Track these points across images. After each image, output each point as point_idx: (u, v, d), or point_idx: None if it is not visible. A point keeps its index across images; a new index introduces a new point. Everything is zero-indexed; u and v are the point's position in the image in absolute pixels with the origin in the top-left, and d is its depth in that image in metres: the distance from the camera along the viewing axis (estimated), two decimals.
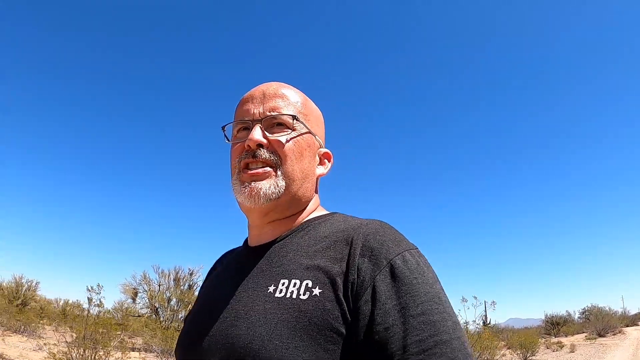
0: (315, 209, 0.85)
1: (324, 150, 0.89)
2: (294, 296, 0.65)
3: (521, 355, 14.30)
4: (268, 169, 0.77)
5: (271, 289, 0.69)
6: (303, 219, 0.82)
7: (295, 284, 0.67)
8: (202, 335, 0.73)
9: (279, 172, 0.77)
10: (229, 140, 0.84)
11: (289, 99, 0.83)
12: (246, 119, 0.81)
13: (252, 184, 0.76)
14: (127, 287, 21.13)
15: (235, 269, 0.81)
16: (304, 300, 0.64)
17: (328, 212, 0.86)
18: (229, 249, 0.99)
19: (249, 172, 0.77)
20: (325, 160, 0.89)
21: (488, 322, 18.35)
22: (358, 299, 0.63)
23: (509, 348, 14.99)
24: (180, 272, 20.78)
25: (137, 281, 21.02)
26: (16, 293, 23.05)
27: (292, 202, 0.80)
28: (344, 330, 0.62)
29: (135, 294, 20.97)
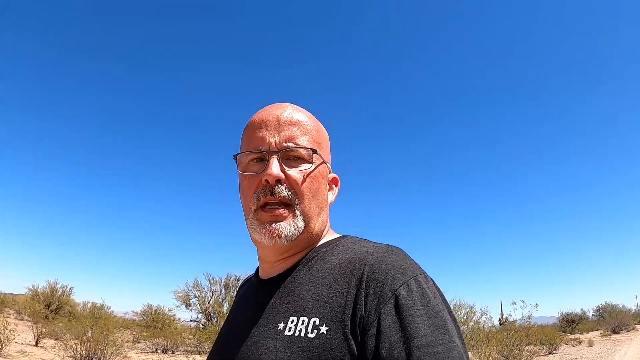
0: (325, 234, 0.84)
1: (332, 175, 0.87)
2: (302, 334, 0.66)
3: (545, 349, 16.22)
4: (287, 210, 0.76)
5: (281, 326, 0.69)
6: (313, 247, 0.81)
7: (303, 321, 0.68)
8: None
9: (297, 212, 0.76)
10: (242, 172, 0.80)
11: (305, 127, 0.80)
12: (261, 149, 0.77)
13: (273, 225, 0.75)
14: (180, 294, 23.00)
15: (248, 303, 0.83)
16: (312, 338, 0.65)
17: (337, 236, 0.84)
18: (248, 275, 1.00)
19: (269, 212, 0.76)
20: (333, 186, 0.88)
21: (505, 321, 18.88)
22: (365, 333, 0.63)
23: (529, 344, 16.16)
24: (231, 278, 22.02)
25: (189, 288, 22.85)
26: (51, 298, 24.07)
27: (309, 239, 0.80)
28: None
29: (188, 300, 22.81)
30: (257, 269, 0.88)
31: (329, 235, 0.84)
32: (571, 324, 34.23)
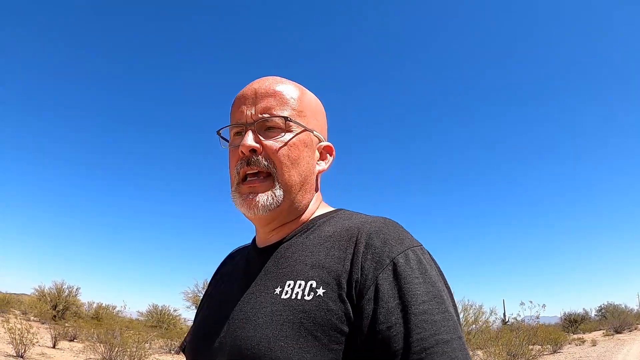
0: (318, 206, 0.85)
1: (324, 144, 0.86)
2: (299, 297, 0.67)
3: (551, 348, 16.63)
4: (265, 179, 0.77)
5: (277, 290, 0.70)
6: (308, 218, 0.82)
7: (300, 285, 0.68)
8: (211, 336, 0.75)
9: (275, 182, 0.76)
10: (224, 146, 0.83)
11: (283, 96, 0.79)
12: (240, 122, 0.79)
13: (251, 195, 0.76)
14: (190, 295, 23.26)
15: (244, 270, 0.82)
16: (308, 301, 0.65)
17: (333, 209, 0.85)
18: (237, 247, 0.99)
19: (248, 184, 0.77)
20: (327, 155, 0.87)
21: (507, 321, 19.33)
22: (361, 297, 0.64)
23: (534, 343, 16.39)
24: None
25: (199, 289, 23.16)
26: (58, 299, 24.06)
27: (292, 207, 0.79)
28: (347, 330, 0.63)
29: (198, 301, 22.98)
30: (254, 239, 0.88)
31: (324, 208, 0.85)
32: (573, 323, 34.28)
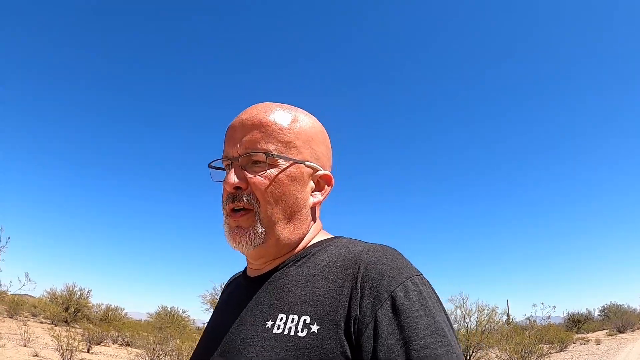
0: (315, 235, 0.81)
1: (321, 173, 0.81)
2: (292, 333, 0.64)
3: (557, 347, 17.52)
4: (248, 214, 0.75)
5: (269, 324, 0.67)
6: (303, 247, 0.79)
7: (293, 319, 0.65)
8: None
9: (256, 218, 0.74)
10: (215, 179, 0.82)
11: (269, 128, 0.76)
12: (227, 157, 0.78)
13: (236, 230, 0.75)
14: (208, 297, 23.91)
15: (236, 300, 0.80)
16: (302, 337, 0.63)
17: (330, 237, 0.82)
18: (235, 273, 0.97)
19: (233, 217, 0.76)
20: (325, 185, 0.83)
21: (511, 321, 19.57)
22: (360, 335, 0.61)
23: (544, 342, 16.77)
24: None
25: (216, 291, 23.76)
26: (69, 301, 24.29)
27: (280, 244, 0.76)
28: None
29: (215, 303, 23.27)
30: (245, 268, 0.87)
31: (321, 236, 0.82)
32: (577, 323, 34.67)
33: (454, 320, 15.18)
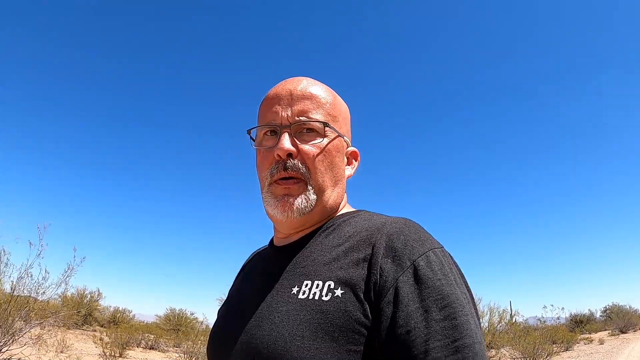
0: (342, 209, 0.84)
1: (351, 149, 0.87)
2: (317, 297, 0.66)
3: (563, 347, 18.32)
4: (300, 183, 0.77)
5: (294, 290, 0.70)
6: (330, 218, 0.82)
7: (318, 285, 0.68)
8: (228, 336, 0.75)
9: (309, 186, 0.77)
10: (254, 145, 0.83)
11: (319, 100, 0.79)
12: (273, 123, 0.78)
13: (286, 197, 0.76)
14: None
15: (262, 270, 0.83)
16: (326, 301, 0.65)
17: (354, 210, 0.85)
18: (257, 249, 1.00)
19: (283, 186, 0.77)
20: (353, 160, 0.88)
21: (514, 322, 19.63)
22: (380, 299, 0.63)
23: (553, 342, 17.42)
24: None
25: None
26: (80, 304, 23.61)
27: (323, 212, 0.80)
28: (365, 331, 0.62)
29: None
30: (272, 240, 0.89)
31: (346, 209, 0.85)
32: (579, 324, 34.92)
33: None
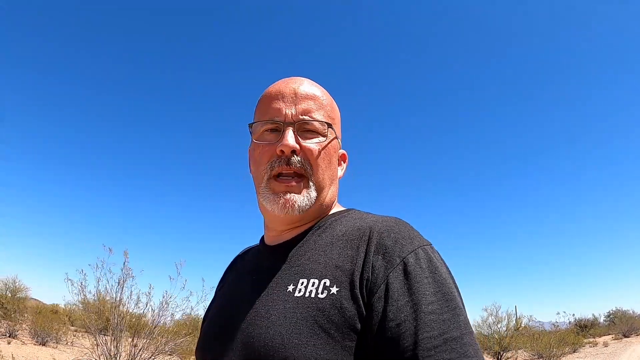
0: (333, 207, 0.87)
1: (341, 151, 0.89)
2: (313, 295, 0.68)
3: (572, 349, 20.02)
4: (302, 180, 0.78)
5: (290, 288, 0.71)
6: (321, 217, 0.83)
7: (313, 283, 0.69)
8: (223, 335, 0.76)
9: (310, 183, 0.78)
10: (257, 141, 0.82)
11: (321, 101, 0.82)
12: (277, 119, 0.79)
13: (287, 195, 0.77)
14: None
15: (255, 268, 0.83)
16: (322, 299, 0.66)
17: (344, 209, 0.87)
18: (246, 247, 1.00)
19: (284, 183, 0.78)
20: (342, 162, 0.90)
21: (519, 327, 20.61)
22: (372, 295, 0.65)
23: (564, 344, 18.89)
24: None
25: None
26: (101, 309, 25.98)
27: (319, 209, 0.82)
28: (360, 327, 0.64)
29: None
30: (262, 238, 0.90)
31: (337, 208, 0.88)
32: (584, 328, 35.36)
33: (487, 326, 18.04)
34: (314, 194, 0.79)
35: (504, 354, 16.18)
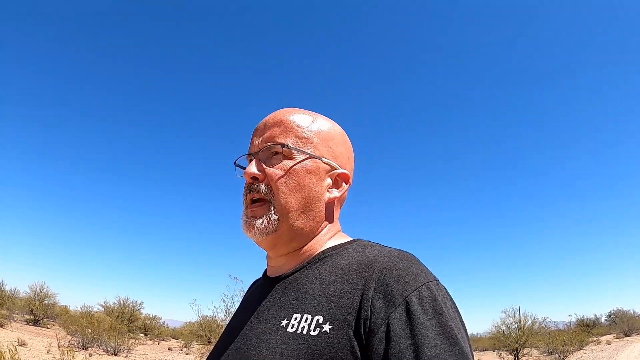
0: (333, 236, 0.83)
1: (339, 171, 0.85)
2: (305, 332, 0.66)
3: (578, 347, 22.08)
4: (264, 204, 0.79)
5: (284, 323, 0.70)
6: (318, 249, 0.81)
7: (307, 319, 0.67)
8: None
9: (271, 207, 0.78)
10: (239, 175, 0.86)
11: (288, 125, 0.82)
12: (250, 152, 0.84)
13: (251, 219, 0.79)
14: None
15: (255, 300, 0.83)
16: (314, 336, 0.64)
17: (349, 240, 0.84)
18: (257, 279, 1.00)
19: (249, 209, 0.81)
20: (342, 182, 0.86)
21: (523, 326, 21.39)
22: (372, 337, 0.62)
23: (573, 342, 20.80)
24: None
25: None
26: (122, 313, 25.45)
27: (293, 234, 0.79)
28: None
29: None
30: (265, 271, 0.90)
31: (340, 238, 0.84)
32: (586, 328, 36.54)
33: (507, 326, 20.17)
34: (274, 216, 0.78)
35: (522, 350, 18.47)
